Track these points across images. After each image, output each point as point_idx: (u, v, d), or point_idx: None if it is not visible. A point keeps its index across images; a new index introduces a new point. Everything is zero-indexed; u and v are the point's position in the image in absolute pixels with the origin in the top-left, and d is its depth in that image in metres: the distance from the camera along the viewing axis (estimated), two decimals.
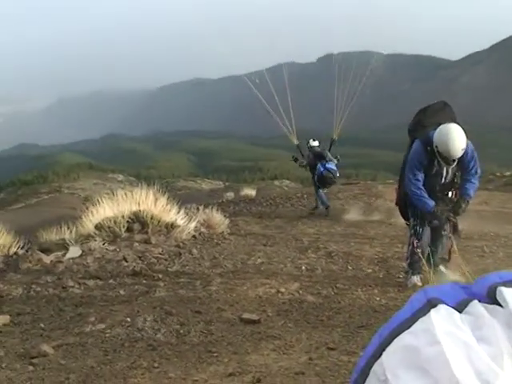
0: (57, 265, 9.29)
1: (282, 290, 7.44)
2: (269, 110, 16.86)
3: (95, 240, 10.99)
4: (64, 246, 11.10)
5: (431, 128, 7.12)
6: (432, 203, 7.31)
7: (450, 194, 7.59)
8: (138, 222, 11.69)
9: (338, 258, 10.00)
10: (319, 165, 15.58)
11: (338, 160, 15.86)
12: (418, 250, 7.49)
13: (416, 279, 7.74)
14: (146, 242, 10.93)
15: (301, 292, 7.35)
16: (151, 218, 11.67)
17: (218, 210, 14.72)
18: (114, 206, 11.92)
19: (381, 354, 0.73)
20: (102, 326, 5.94)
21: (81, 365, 5.21)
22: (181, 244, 11.10)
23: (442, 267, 7.88)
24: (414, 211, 7.67)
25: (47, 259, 9.74)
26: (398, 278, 8.29)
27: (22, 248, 11.30)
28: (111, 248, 10.38)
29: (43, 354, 5.23)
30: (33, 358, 5.29)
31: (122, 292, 7.59)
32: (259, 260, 9.85)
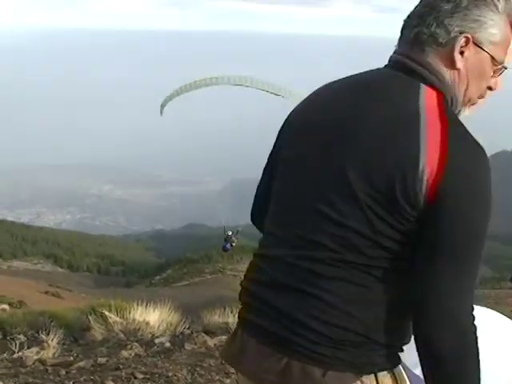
0: (220, 349, 9.31)
1: None
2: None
3: None
4: (227, 330, 11.19)
5: None
6: None
7: None
8: None
9: None
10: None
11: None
12: None
13: None
14: None
15: None
16: None
17: None
18: None
19: None
20: None
21: None
22: None
23: None
24: None
25: (211, 342, 9.81)
26: None
27: (187, 328, 11.52)
28: None
29: None
30: None
31: None
32: None
